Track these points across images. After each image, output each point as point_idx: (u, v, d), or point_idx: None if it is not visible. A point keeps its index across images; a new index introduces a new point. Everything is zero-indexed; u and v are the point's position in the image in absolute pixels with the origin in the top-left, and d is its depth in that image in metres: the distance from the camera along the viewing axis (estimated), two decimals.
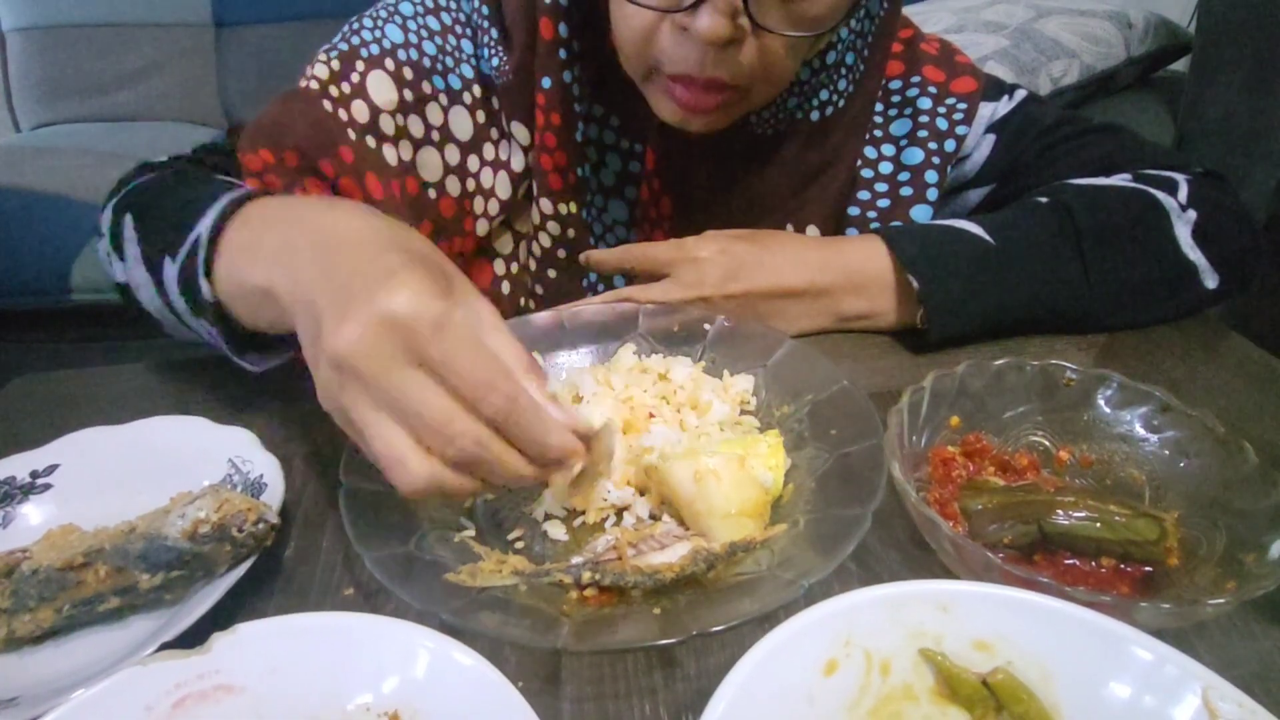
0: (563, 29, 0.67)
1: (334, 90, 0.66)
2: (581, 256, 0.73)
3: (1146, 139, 0.79)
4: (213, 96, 2.23)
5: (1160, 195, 0.69)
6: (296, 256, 0.45)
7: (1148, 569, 0.45)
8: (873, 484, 0.46)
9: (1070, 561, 0.46)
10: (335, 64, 0.66)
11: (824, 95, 0.72)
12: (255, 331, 0.51)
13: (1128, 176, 0.72)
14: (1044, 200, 0.70)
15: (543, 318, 0.65)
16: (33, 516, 0.51)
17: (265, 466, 0.51)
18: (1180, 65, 1.71)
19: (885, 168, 0.77)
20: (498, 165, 0.73)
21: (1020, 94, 0.79)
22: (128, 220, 0.58)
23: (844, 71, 0.71)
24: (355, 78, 0.66)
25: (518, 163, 0.73)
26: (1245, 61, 1.43)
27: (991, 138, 0.78)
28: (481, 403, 0.39)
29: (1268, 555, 0.41)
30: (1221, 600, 0.38)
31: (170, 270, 0.53)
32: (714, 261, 0.67)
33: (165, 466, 0.52)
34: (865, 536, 0.43)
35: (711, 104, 0.61)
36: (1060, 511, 0.46)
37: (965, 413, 0.53)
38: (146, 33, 2.17)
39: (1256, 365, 0.67)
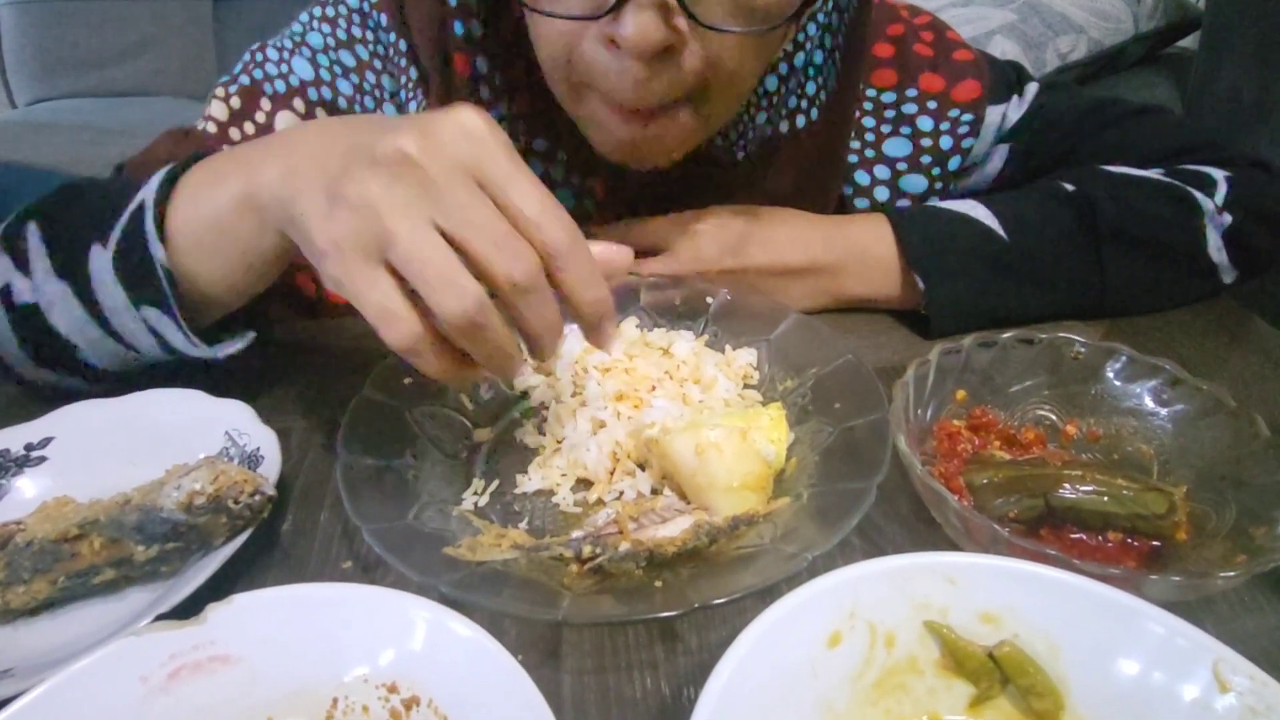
0: (480, 64, 0.61)
1: (234, 133, 0.61)
2: None
3: (1191, 125, 0.75)
4: (211, 71, 2.22)
5: (1197, 195, 0.65)
6: (287, 150, 0.43)
7: (1155, 543, 0.45)
8: (877, 457, 0.45)
9: (1077, 536, 0.46)
10: (235, 101, 0.61)
11: (791, 103, 0.66)
12: (205, 309, 0.50)
13: (1164, 170, 0.68)
14: (1069, 189, 0.66)
15: None
16: (27, 489, 0.51)
17: (262, 439, 0.50)
18: (1188, 42, 1.69)
19: (881, 194, 0.72)
20: None
21: (1031, 89, 0.72)
22: (31, 230, 0.51)
23: (811, 73, 0.65)
24: (260, 118, 0.61)
25: None
26: (1255, 37, 1.41)
27: (1004, 148, 0.73)
28: (544, 228, 0.38)
29: (1278, 529, 0.41)
30: (1232, 573, 0.38)
31: (101, 260, 0.49)
32: (711, 235, 0.65)
33: (161, 439, 0.51)
34: (869, 510, 0.42)
35: (656, 128, 0.53)
36: (1067, 485, 0.46)
37: (971, 387, 0.53)
38: (144, 6, 2.15)
39: (1266, 341, 0.67)
